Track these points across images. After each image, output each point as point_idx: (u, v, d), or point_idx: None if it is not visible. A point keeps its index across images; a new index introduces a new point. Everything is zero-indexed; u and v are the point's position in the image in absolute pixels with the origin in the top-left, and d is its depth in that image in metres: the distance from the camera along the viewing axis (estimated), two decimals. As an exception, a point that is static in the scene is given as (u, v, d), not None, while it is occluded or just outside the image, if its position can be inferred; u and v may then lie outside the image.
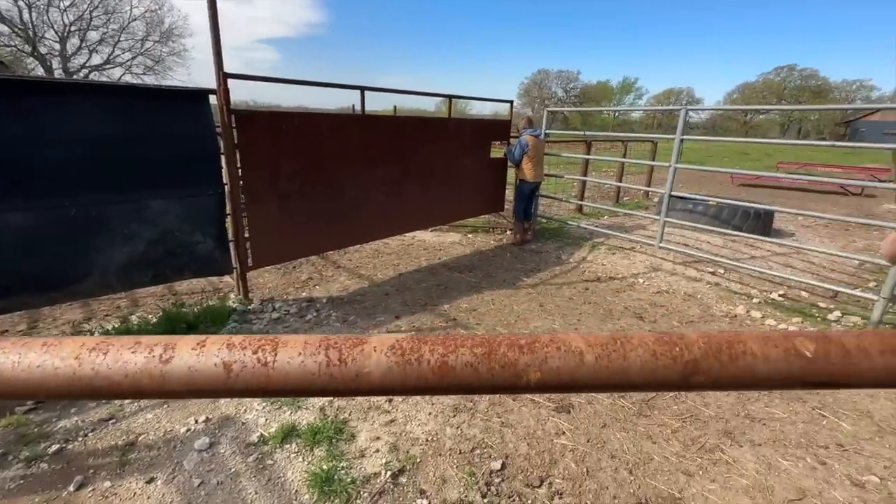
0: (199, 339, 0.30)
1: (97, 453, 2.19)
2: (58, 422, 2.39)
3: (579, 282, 4.73)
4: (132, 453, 2.20)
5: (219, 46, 3.21)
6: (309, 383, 0.29)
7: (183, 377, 0.29)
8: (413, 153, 4.91)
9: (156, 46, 32.97)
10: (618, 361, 0.30)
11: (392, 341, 0.30)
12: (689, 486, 2.10)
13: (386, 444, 2.30)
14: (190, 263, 3.49)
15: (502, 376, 0.30)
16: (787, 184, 12.49)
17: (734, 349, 0.31)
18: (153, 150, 3.14)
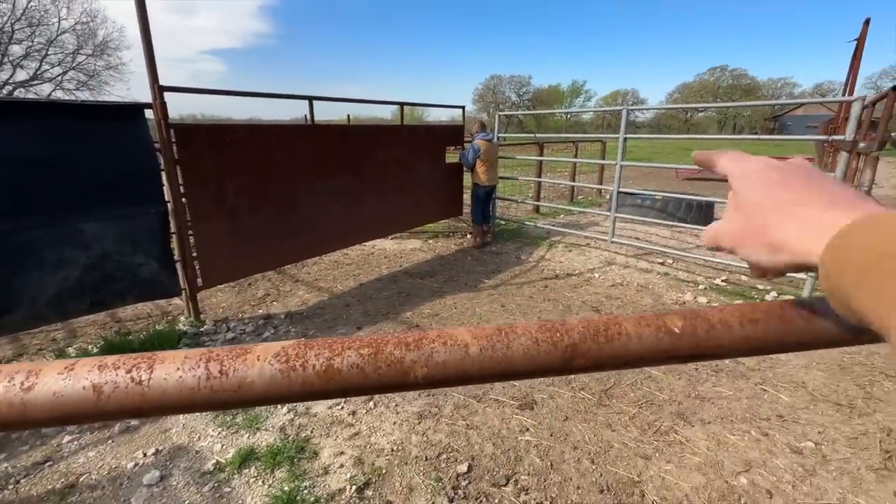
0: (69, 363, 0.29)
1: (32, 500, 2.02)
2: (-16, 470, 2.18)
3: (539, 280, 4.84)
4: (72, 496, 2.03)
5: (152, 58, 3.07)
6: (188, 399, 0.28)
7: (47, 404, 0.27)
8: (367, 162, 4.88)
9: (89, 60, 31.02)
10: (501, 351, 0.31)
11: (277, 348, 0.30)
12: (647, 469, 2.18)
13: (350, 458, 2.26)
14: (132, 287, 3.29)
15: (389, 375, 0.30)
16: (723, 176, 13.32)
17: (610, 331, 0.33)
18: (85, 169, 2.95)
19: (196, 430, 2.47)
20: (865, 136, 4.03)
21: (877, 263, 0.23)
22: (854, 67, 7.84)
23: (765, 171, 0.35)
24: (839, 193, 0.30)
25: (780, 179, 0.33)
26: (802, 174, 0.33)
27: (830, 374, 2.99)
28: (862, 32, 7.75)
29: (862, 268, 0.24)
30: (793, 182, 0.33)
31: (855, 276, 0.24)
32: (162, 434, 2.45)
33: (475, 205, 6.01)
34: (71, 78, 30.70)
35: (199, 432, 2.45)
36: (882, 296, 0.23)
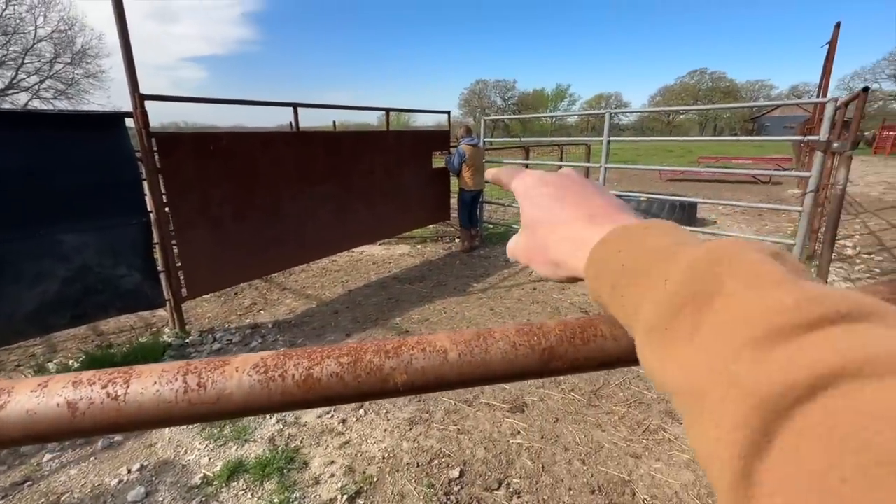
0: (43, 380, 0.29)
1: (10, 522, 1.95)
2: (-40, 493, 2.11)
3: (527, 283, 4.87)
4: (53, 516, 1.98)
5: (132, 66, 3.03)
6: (165, 412, 0.28)
7: (20, 422, 0.27)
8: (354, 168, 4.87)
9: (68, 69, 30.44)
10: (480, 356, 0.32)
11: (256, 359, 0.30)
12: (637, 468, 2.20)
13: (341, 468, 2.23)
14: (114, 299, 3.23)
15: (369, 382, 0.30)
16: (707, 176, 13.60)
17: (587, 333, 0.33)
18: (64, 180, 2.89)
19: (182, 444, 2.42)
20: (839, 136, 4.15)
21: (619, 275, 0.26)
22: (827, 70, 8.09)
23: (540, 188, 0.36)
24: (599, 206, 0.33)
25: (552, 196, 0.35)
26: (571, 188, 0.35)
27: (812, 369, 3.06)
28: (833, 36, 8.00)
29: (611, 280, 0.27)
30: (563, 198, 0.35)
31: (607, 288, 0.27)
32: (147, 449, 2.39)
33: (462, 209, 6.03)
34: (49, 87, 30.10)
35: (186, 446, 2.41)
36: (623, 304, 0.26)
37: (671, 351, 0.21)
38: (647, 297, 0.24)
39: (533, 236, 0.36)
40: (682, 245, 0.24)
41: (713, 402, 0.18)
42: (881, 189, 11.44)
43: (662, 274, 0.23)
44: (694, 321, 0.21)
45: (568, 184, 0.36)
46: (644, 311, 0.24)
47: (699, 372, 0.19)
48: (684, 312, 0.21)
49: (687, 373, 0.20)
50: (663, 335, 0.22)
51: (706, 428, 0.19)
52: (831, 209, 3.78)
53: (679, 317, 0.21)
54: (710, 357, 0.19)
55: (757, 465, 0.16)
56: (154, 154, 3.23)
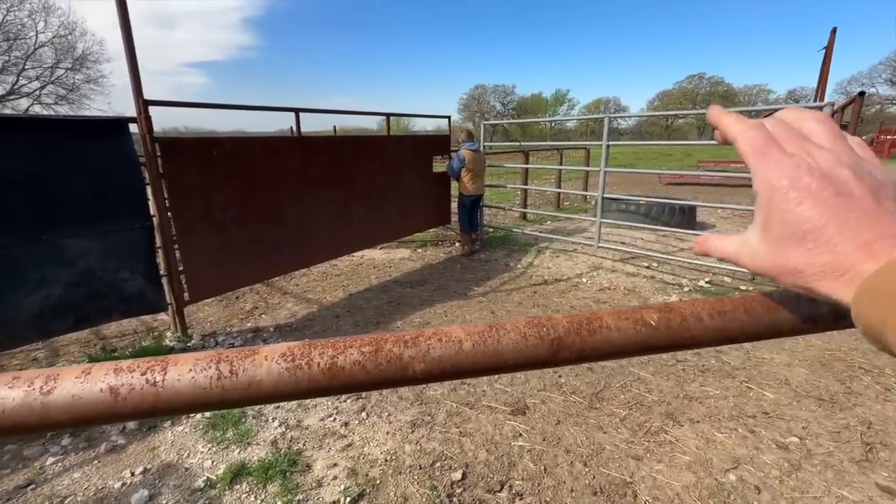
0: (85, 367, 0.31)
1: (14, 525, 1.96)
2: (-36, 496, 2.11)
3: (527, 286, 4.89)
4: (57, 519, 1.98)
5: (136, 72, 3.06)
6: (201, 398, 0.30)
7: (66, 406, 0.29)
8: (354, 172, 4.90)
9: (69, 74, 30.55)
10: (493, 346, 0.34)
11: (283, 349, 0.32)
12: (638, 470, 2.21)
13: (344, 470, 2.24)
14: (117, 303, 3.24)
15: (389, 370, 0.32)
16: (706, 180, 13.66)
17: (592, 324, 0.35)
18: (68, 185, 2.91)
19: (185, 447, 2.43)
20: (836, 140, 4.18)
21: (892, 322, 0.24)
22: (824, 74, 8.15)
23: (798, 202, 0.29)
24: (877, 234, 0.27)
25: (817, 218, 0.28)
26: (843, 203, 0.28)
27: (812, 371, 3.07)
28: (830, 40, 8.07)
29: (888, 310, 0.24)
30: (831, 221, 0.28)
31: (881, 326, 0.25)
32: (150, 452, 2.40)
33: (462, 213, 6.06)
34: (50, 92, 30.21)
35: (189, 449, 2.41)
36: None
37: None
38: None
39: (773, 248, 0.31)
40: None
41: None
42: (879, 192, 11.46)
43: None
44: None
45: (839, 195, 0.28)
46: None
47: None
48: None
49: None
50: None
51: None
52: (829, 212, 3.81)
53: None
54: None
55: None
56: (157, 159, 3.26)
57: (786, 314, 0.36)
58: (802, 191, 0.29)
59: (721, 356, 3.28)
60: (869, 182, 0.29)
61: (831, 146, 0.31)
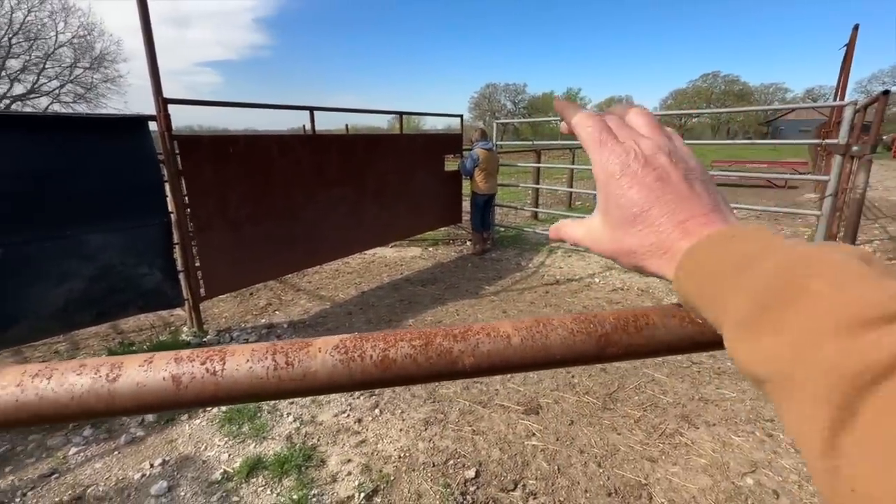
0: (147, 357, 0.31)
1: (39, 513, 2.01)
2: (-10, 484, 2.17)
3: (539, 286, 4.87)
4: (80, 508, 2.03)
5: (156, 71, 3.11)
6: (259, 387, 0.31)
7: (131, 394, 0.30)
8: (367, 170, 4.92)
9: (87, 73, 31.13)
10: (541, 341, 0.34)
11: (336, 341, 0.33)
12: (653, 472, 2.19)
13: (358, 466, 2.26)
14: (136, 298, 3.30)
15: (440, 364, 0.33)
16: (721, 180, 13.44)
17: (639, 321, 0.35)
18: (90, 181, 2.97)
19: (202, 440, 2.47)
20: (858, 139, 4.10)
21: (711, 277, 0.28)
22: (844, 72, 7.98)
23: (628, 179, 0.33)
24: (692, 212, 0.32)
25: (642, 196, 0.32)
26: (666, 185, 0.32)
27: (832, 375, 3.01)
28: (851, 38, 7.90)
29: (700, 280, 0.29)
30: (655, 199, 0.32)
31: (696, 288, 0.30)
32: (168, 444, 2.45)
33: (474, 212, 6.05)
34: (68, 91, 30.81)
35: (206, 442, 2.45)
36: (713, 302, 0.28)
37: (758, 344, 0.23)
38: (736, 295, 0.26)
39: (619, 239, 0.34)
40: (770, 250, 0.26)
41: (801, 385, 0.20)
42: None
43: (752, 275, 0.25)
44: (780, 316, 0.22)
45: (659, 179, 0.32)
46: (733, 307, 0.26)
47: (786, 360, 0.21)
48: (772, 308, 0.23)
49: (775, 361, 0.22)
50: (752, 329, 0.24)
51: (796, 408, 0.21)
52: (850, 213, 3.73)
53: (766, 314, 0.23)
54: (797, 346, 0.21)
55: (843, 436, 0.18)
56: (176, 156, 3.31)
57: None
58: (631, 176, 0.33)
59: (737, 359, 3.23)
60: (682, 167, 0.33)
61: (650, 135, 0.35)
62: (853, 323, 0.20)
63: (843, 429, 0.18)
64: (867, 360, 0.18)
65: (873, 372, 0.18)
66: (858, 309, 0.20)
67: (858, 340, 0.19)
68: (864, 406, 0.18)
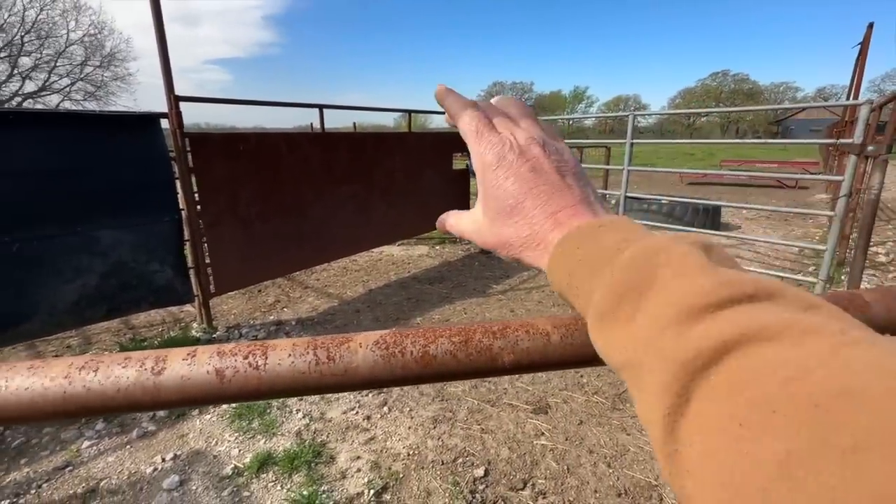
0: (190, 350, 0.32)
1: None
2: (5, 476, 2.20)
3: (547, 285, 4.85)
4: (94, 501, 2.06)
5: (168, 68, 3.13)
6: (300, 382, 0.31)
7: (176, 387, 0.30)
8: (375, 168, 4.93)
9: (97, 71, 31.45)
10: (581, 339, 0.34)
11: (376, 337, 0.33)
12: (663, 473, 2.18)
13: (367, 463, 2.27)
14: (147, 294, 3.33)
15: (479, 361, 0.32)
16: (730, 180, 13.34)
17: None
18: (102, 178, 3.00)
19: (213, 435, 2.49)
20: (873, 139, 4.04)
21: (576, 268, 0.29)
22: (859, 71, 7.86)
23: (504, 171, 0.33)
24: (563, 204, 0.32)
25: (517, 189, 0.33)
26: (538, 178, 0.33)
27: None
28: (865, 36, 7.78)
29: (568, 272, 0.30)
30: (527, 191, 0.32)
31: (565, 279, 0.30)
32: (179, 439, 2.47)
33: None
34: (79, 89, 31.15)
35: (217, 437, 2.47)
36: (578, 294, 0.29)
37: (615, 332, 0.25)
38: (597, 287, 0.27)
39: (498, 229, 0.35)
40: (628, 241, 0.27)
41: (646, 373, 0.21)
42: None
43: (610, 267, 0.26)
44: (633, 307, 0.24)
45: (533, 170, 0.33)
46: (594, 299, 0.27)
47: (636, 349, 0.23)
48: (626, 299, 0.24)
49: (627, 350, 0.23)
50: (609, 319, 0.25)
51: (643, 396, 0.22)
52: (864, 214, 3.68)
53: (622, 303, 0.24)
54: (644, 336, 0.22)
55: (680, 421, 0.19)
56: (187, 154, 3.34)
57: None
58: (507, 167, 0.33)
59: (748, 360, 3.21)
60: (555, 158, 0.34)
61: (526, 126, 0.36)
62: (688, 311, 0.21)
63: (680, 415, 0.19)
64: (699, 346, 0.19)
65: (704, 358, 0.19)
66: (693, 298, 0.21)
67: (693, 328, 0.20)
68: (696, 392, 0.19)
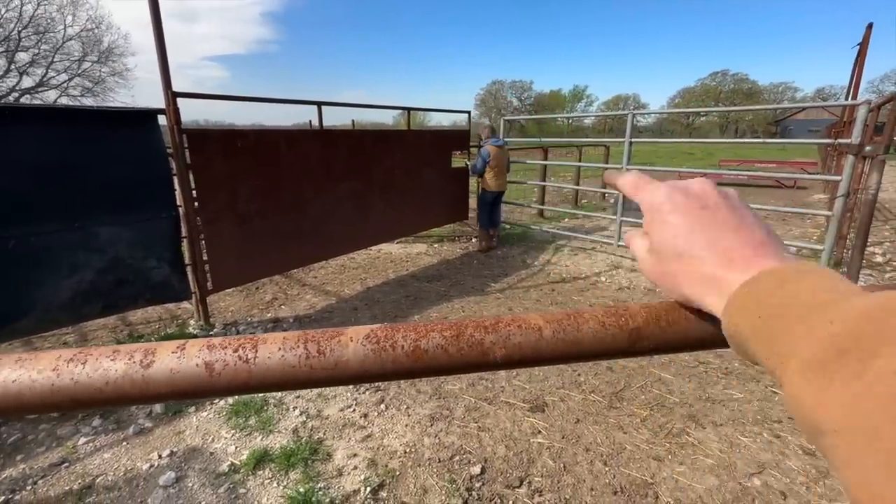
0: (180, 343, 0.31)
1: (50, 501, 2.03)
2: (1, 472, 2.20)
3: (545, 283, 4.86)
4: (90, 497, 2.05)
5: (166, 65, 3.12)
6: (290, 376, 0.31)
7: (165, 380, 0.30)
8: (374, 166, 4.92)
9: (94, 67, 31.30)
10: (572, 334, 0.34)
11: (367, 331, 0.33)
12: (660, 471, 2.19)
13: (364, 460, 2.27)
14: (144, 291, 3.32)
15: (471, 355, 0.32)
16: (728, 180, 13.33)
17: (671, 315, 0.35)
18: (99, 174, 2.99)
19: (210, 432, 2.49)
20: (871, 140, 4.05)
21: (771, 311, 0.26)
22: (858, 71, 7.87)
23: (672, 208, 0.34)
24: (737, 244, 0.31)
25: (685, 224, 0.33)
26: (707, 215, 0.33)
27: (840, 377, 2.99)
28: (865, 36, 7.78)
29: (758, 314, 0.27)
30: (697, 229, 0.32)
31: (752, 320, 0.27)
32: (176, 436, 2.47)
33: (482, 210, 6.03)
34: (76, 84, 30.99)
35: (213, 434, 2.47)
36: (772, 338, 0.26)
37: (832, 388, 0.21)
38: (808, 334, 0.24)
39: (660, 263, 0.35)
40: (847, 293, 0.25)
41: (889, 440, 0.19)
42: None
43: (827, 315, 0.23)
44: (860, 364, 0.21)
45: (704, 208, 0.33)
46: (803, 346, 0.24)
47: (869, 408, 0.20)
48: (849, 355, 0.21)
49: (851, 408, 0.20)
50: (824, 372, 0.22)
51: (875, 464, 0.19)
52: (862, 215, 3.69)
53: (843, 358, 0.21)
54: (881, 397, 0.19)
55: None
56: (185, 150, 3.32)
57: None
58: (676, 204, 0.34)
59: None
60: (729, 201, 0.34)
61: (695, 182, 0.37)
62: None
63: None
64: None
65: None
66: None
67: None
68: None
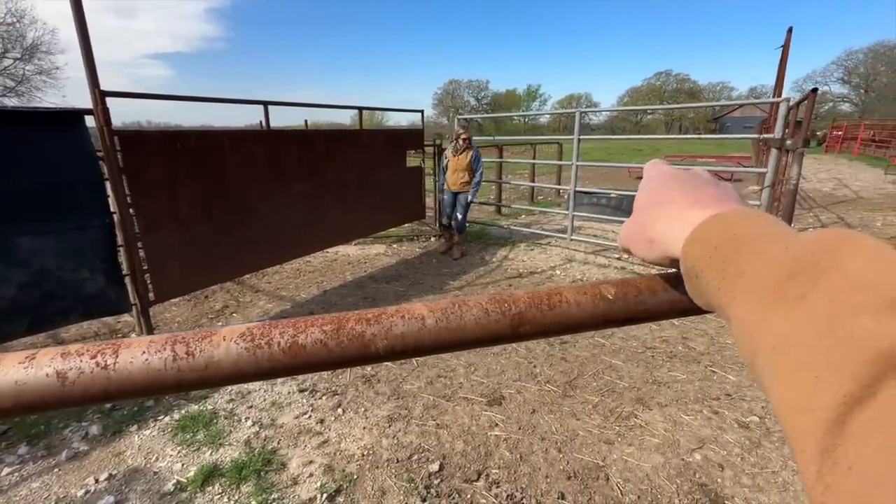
0: (30, 353, 0.29)
1: (-33, 540, 1.85)
2: None
3: (503, 279, 4.94)
4: (15, 531, 1.89)
5: (92, 61, 2.90)
6: (156, 380, 0.29)
7: (10, 393, 0.27)
8: (327, 167, 4.82)
9: (17, 65, 28.72)
10: (455, 322, 0.34)
11: (243, 329, 0.32)
12: (610, 454, 2.28)
13: (320, 467, 2.22)
14: (76, 305, 3.09)
15: (351, 348, 0.32)
16: (673, 174, 14.05)
17: (552, 299, 0.36)
18: (18, 180, 2.74)
19: (153, 451, 2.35)
20: (792, 134, 4.40)
21: (728, 241, 0.27)
22: (781, 72, 8.52)
23: (657, 177, 0.38)
24: (706, 194, 0.34)
25: (663, 182, 0.37)
26: (686, 179, 0.37)
27: (771, 354, 3.23)
28: (786, 39, 8.44)
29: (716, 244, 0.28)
30: (671, 184, 0.36)
31: (709, 250, 0.28)
32: (115, 457, 2.31)
33: (442, 209, 6.03)
34: (-4, 83, 28.35)
35: (157, 452, 2.34)
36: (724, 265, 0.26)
37: (775, 309, 0.23)
38: (759, 260, 0.25)
39: (635, 217, 0.38)
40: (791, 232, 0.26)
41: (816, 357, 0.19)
42: (832, 185, 12.14)
43: (783, 243, 0.25)
44: (808, 286, 0.22)
45: (685, 175, 0.37)
46: (753, 271, 0.25)
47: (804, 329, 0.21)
48: (800, 276, 0.22)
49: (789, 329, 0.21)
50: (770, 294, 0.23)
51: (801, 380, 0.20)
52: (786, 203, 4.01)
53: (792, 280, 0.23)
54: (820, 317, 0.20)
55: (855, 413, 0.17)
56: (117, 153, 3.11)
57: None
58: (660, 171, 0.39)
59: (688, 342, 3.41)
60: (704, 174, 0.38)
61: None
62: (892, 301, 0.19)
63: (858, 404, 0.17)
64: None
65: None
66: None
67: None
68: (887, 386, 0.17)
